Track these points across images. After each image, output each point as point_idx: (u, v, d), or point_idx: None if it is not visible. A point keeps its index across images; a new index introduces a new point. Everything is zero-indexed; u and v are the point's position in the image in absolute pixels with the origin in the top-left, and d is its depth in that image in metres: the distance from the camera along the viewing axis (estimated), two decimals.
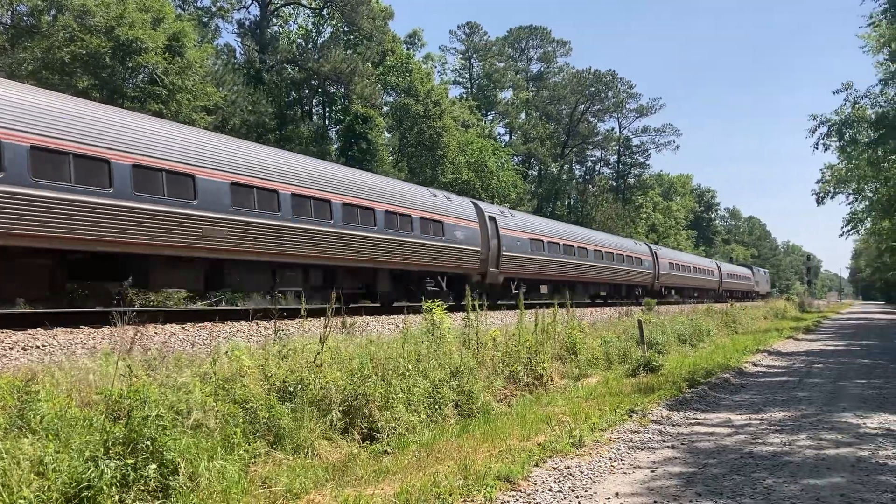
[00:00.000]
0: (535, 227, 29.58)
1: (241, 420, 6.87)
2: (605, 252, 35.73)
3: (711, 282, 57.01)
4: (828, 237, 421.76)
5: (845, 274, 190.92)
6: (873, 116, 34.66)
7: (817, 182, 49.31)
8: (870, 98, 35.67)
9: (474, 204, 25.60)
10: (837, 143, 38.26)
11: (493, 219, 25.60)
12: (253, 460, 6.59)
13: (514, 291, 26.28)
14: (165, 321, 12.42)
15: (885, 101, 34.60)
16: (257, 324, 12.58)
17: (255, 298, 24.55)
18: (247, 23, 45.93)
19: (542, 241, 28.85)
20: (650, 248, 45.42)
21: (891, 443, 8.25)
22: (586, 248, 33.28)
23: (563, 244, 30.94)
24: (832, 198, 49.09)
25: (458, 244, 22.78)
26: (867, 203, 50.51)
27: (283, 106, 44.06)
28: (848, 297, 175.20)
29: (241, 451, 6.44)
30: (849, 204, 51.11)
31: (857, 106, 36.21)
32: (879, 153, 35.69)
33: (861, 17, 31.23)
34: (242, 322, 12.92)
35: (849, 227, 55.79)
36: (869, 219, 54.82)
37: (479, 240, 24.21)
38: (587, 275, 33.22)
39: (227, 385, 7.30)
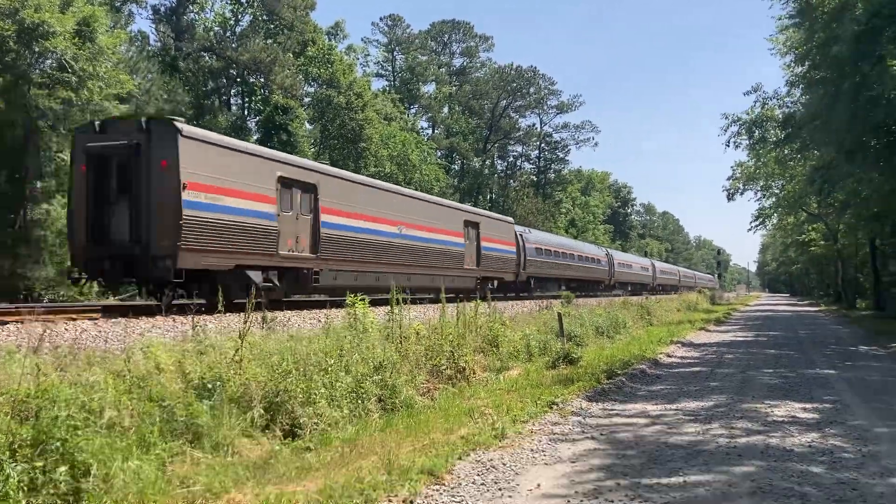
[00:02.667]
0: (544, 240, 42.22)
1: (157, 419, 6.66)
2: (582, 255, 48.76)
3: (647, 277, 70.79)
4: (737, 232, 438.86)
5: (753, 267, 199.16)
6: (781, 117, 36.23)
7: (728, 179, 51.17)
8: (778, 99, 37.35)
9: (511, 224, 36.13)
10: (747, 142, 39.87)
11: (521, 235, 36.66)
12: (170, 460, 6.40)
13: (532, 287, 38.16)
14: (77, 317, 11.96)
15: (791, 103, 36.22)
16: (174, 319, 12.23)
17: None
18: (162, 9, 44.67)
19: (551, 250, 41.44)
20: (607, 251, 58.92)
21: (797, 430, 8.63)
22: (574, 254, 46.58)
23: (563, 252, 43.92)
24: (742, 194, 51.03)
25: (511, 257, 34.42)
26: (774, 199, 52.75)
27: (201, 95, 42.98)
28: (755, 290, 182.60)
29: (157, 451, 6.24)
30: (757, 200, 53.31)
31: (765, 107, 37.80)
32: (786, 152, 37.33)
33: (771, 18, 32.33)
34: (158, 317, 12.54)
35: (757, 223, 58.27)
36: (775, 214, 57.30)
37: (517, 252, 35.23)
38: (572, 274, 45.42)
39: (142, 383, 7.07)
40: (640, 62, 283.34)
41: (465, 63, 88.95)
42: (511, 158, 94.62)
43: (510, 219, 37.59)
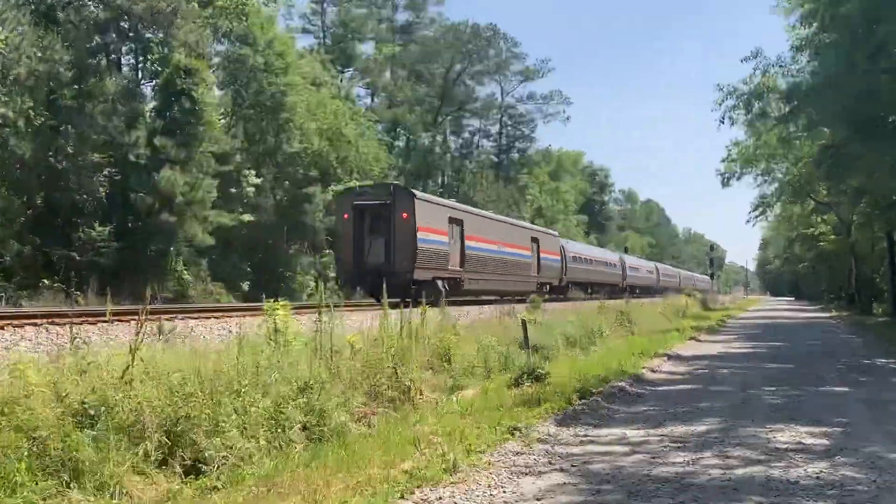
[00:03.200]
0: (578, 250, 59.43)
1: (26, 453, 6.51)
2: (603, 261, 65.45)
3: (652, 280, 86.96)
4: (733, 226, 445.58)
5: (752, 266, 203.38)
6: (784, 87, 36.43)
7: (722, 161, 51.68)
8: (781, 66, 37.49)
9: (557, 237, 53.80)
10: (745, 117, 40.00)
11: (563, 246, 52.30)
12: (42, 503, 6.26)
13: (568, 290, 51.75)
14: None
15: (797, 70, 36.49)
16: (47, 329, 11.98)
17: (45, 297, 23.40)
18: None
19: (582, 258, 57.59)
20: (620, 256, 76.39)
21: (802, 459, 8.79)
22: (597, 260, 63.29)
23: (593, 259, 61.75)
24: (739, 179, 51.48)
25: (557, 265, 49.67)
26: (777, 185, 53.49)
27: (84, 53, 41.93)
28: (755, 293, 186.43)
29: (25, 493, 6.10)
30: (757, 186, 53.96)
31: (766, 75, 38.05)
32: (791, 129, 37.51)
33: None
34: (28, 327, 12.27)
35: (757, 213, 59.04)
36: (778, 203, 58.00)
37: (560, 260, 50.17)
38: (596, 278, 60.34)
39: (7, 408, 6.90)
40: (626, 25, 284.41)
41: (410, 18, 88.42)
42: (467, 134, 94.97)
43: (556, 232, 57.85)
